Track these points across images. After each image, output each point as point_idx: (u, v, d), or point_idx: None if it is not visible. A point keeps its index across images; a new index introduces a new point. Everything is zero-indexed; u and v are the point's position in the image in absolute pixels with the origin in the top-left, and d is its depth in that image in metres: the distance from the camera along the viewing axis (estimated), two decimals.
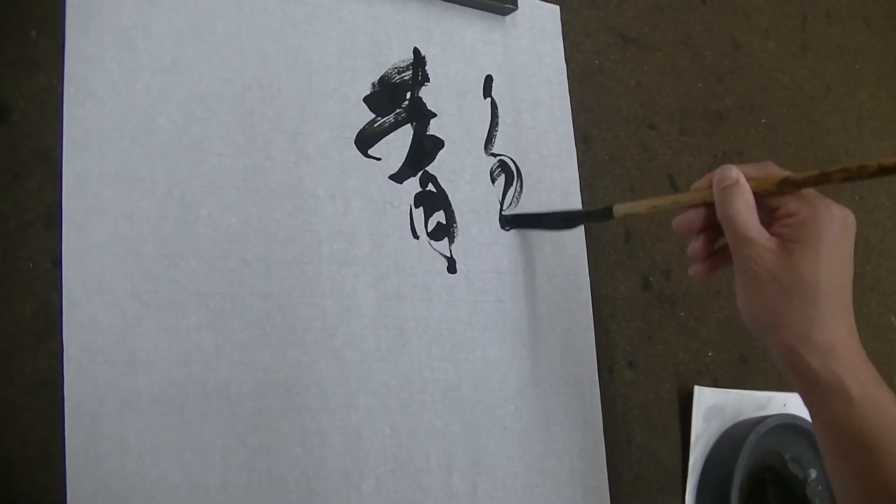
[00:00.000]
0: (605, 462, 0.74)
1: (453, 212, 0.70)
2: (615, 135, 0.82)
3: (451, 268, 0.69)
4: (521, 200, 0.74)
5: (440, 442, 0.66)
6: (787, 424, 0.85)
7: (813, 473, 0.88)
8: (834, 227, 0.54)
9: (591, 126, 0.80)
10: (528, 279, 0.73)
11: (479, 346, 0.69)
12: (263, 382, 0.59)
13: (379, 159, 0.67)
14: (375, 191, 0.66)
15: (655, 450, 0.78)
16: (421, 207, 0.68)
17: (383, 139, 0.68)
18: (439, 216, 0.69)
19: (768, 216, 0.57)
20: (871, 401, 0.53)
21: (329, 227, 0.64)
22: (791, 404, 0.89)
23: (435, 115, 0.71)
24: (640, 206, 0.65)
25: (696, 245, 0.61)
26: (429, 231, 0.68)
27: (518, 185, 0.74)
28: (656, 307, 0.81)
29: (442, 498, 0.65)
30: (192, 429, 0.56)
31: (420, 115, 0.70)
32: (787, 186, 0.56)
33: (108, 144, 0.56)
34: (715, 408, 0.83)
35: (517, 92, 0.76)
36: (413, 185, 0.69)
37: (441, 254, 0.69)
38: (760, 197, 0.56)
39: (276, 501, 0.58)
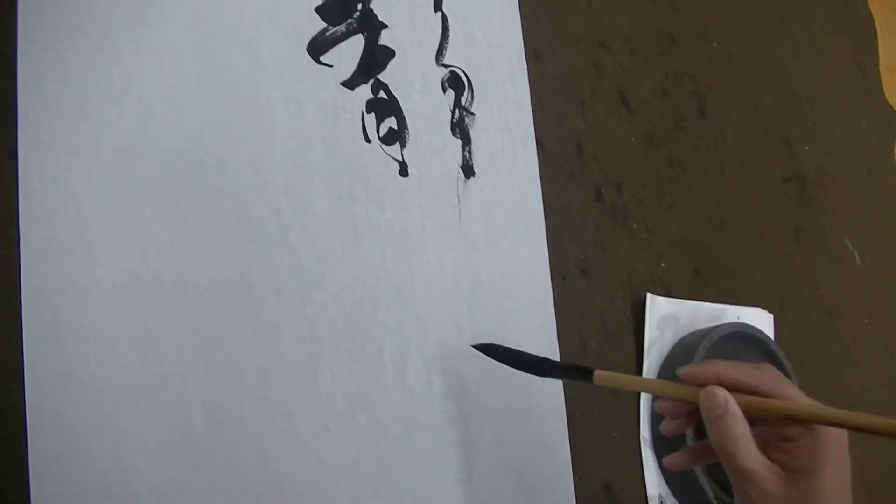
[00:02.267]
0: None
1: (405, 118, 0.72)
2: (566, 52, 0.84)
3: (403, 171, 0.71)
4: (472, 110, 0.76)
5: (394, 338, 0.68)
6: (741, 333, 0.87)
7: None
8: (835, 453, 0.52)
9: (542, 43, 0.82)
10: (480, 186, 0.75)
11: (431, 247, 0.71)
12: (219, 276, 0.61)
13: (331, 66, 0.69)
14: (328, 96, 0.68)
15: (610, 356, 0.80)
16: (373, 113, 0.70)
17: (335, 48, 0.69)
18: (391, 122, 0.71)
19: (763, 435, 0.55)
20: None
21: (283, 130, 0.65)
22: (745, 316, 0.91)
23: (386, 27, 0.72)
24: (623, 381, 0.62)
25: (671, 427, 0.60)
26: (381, 136, 0.70)
27: (469, 95, 0.76)
28: (609, 218, 0.83)
29: (397, 392, 0.67)
30: (150, 319, 0.58)
31: (371, 26, 0.71)
32: (793, 422, 0.53)
33: (65, 46, 0.57)
34: (668, 317, 0.85)
35: (467, 7, 0.77)
36: (365, 91, 0.70)
37: (393, 158, 0.70)
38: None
39: (232, 391, 0.60)
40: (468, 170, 0.75)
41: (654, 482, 0.81)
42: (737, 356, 0.88)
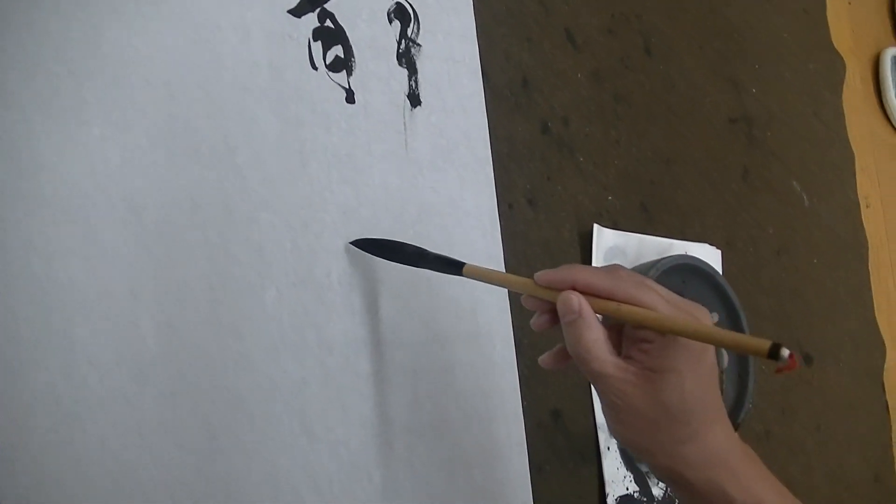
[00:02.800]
0: (507, 294, 0.78)
1: (351, 47, 0.73)
2: None
3: (350, 98, 0.72)
4: (418, 41, 0.77)
5: (340, 261, 0.69)
6: (688, 266, 0.89)
7: (715, 317, 0.92)
8: (693, 352, 0.53)
9: None
10: (426, 115, 0.76)
11: (377, 172, 0.72)
12: (168, 196, 0.62)
13: None
14: (275, 23, 0.69)
15: None
16: (319, 41, 0.71)
17: None
18: (337, 50, 0.72)
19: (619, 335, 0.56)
20: (750, 498, 0.54)
21: (231, 56, 0.66)
22: (693, 251, 0.93)
23: None
24: (490, 277, 0.63)
25: (541, 321, 0.59)
26: (327, 63, 0.71)
27: (415, 27, 0.77)
28: (555, 151, 0.85)
29: (345, 315, 0.68)
30: (99, 236, 0.58)
31: None
32: (627, 322, 0.54)
33: None
34: (616, 248, 0.87)
35: None
36: (311, 20, 0.71)
37: (339, 85, 0.71)
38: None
39: (182, 309, 0.61)
40: (414, 99, 0.76)
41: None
42: (684, 290, 0.90)
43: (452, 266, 0.64)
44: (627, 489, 0.84)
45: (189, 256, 0.62)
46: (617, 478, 0.83)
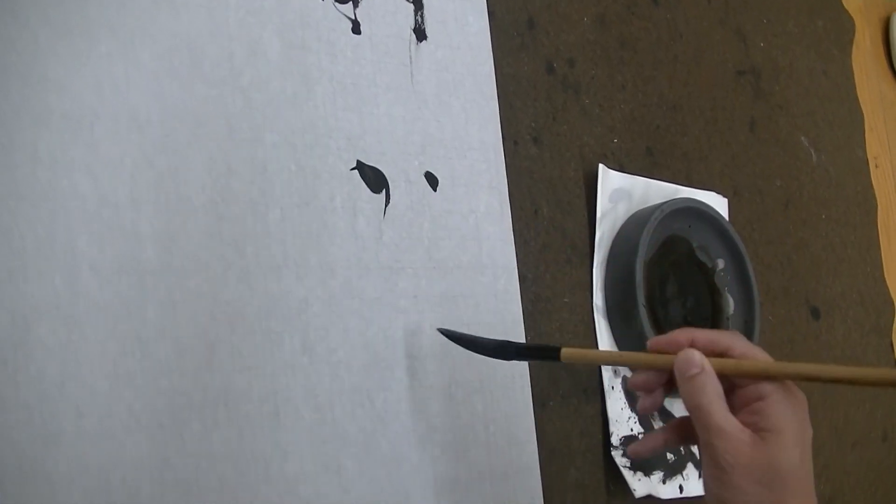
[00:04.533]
0: (510, 226, 0.78)
1: None
2: None
3: (356, 29, 0.72)
4: None
5: (345, 185, 0.69)
6: (694, 210, 0.89)
7: (721, 263, 0.92)
8: (800, 412, 0.53)
9: None
10: (432, 49, 0.76)
11: (383, 102, 0.73)
12: (172, 112, 0.62)
13: None
14: None
15: (562, 223, 0.82)
16: None
17: None
18: None
19: (732, 395, 0.55)
20: None
21: None
22: (699, 198, 0.93)
23: None
24: (592, 357, 0.65)
25: (647, 403, 0.60)
26: None
27: None
28: (560, 91, 0.85)
29: (348, 238, 0.69)
30: (102, 147, 0.59)
31: None
32: (772, 378, 0.54)
33: None
34: (621, 191, 0.87)
35: None
36: None
37: (345, 15, 0.72)
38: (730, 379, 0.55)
39: (184, 222, 0.61)
40: (420, 33, 0.76)
41: (606, 349, 0.82)
42: (690, 233, 0.90)
43: (547, 352, 0.64)
44: (632, 430, 0.84)
45: (191, 170, 0.62)
46: (621, 418, 0.83)
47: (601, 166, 0.85)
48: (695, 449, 0.88)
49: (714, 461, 0.53)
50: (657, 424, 0.85)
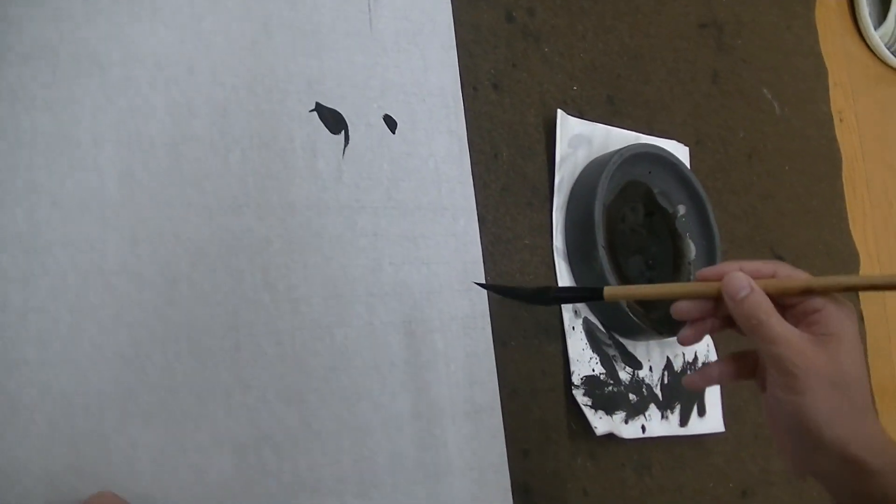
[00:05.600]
0: (470, 169, 0.79)
1: None
2: None
3: None
4: None
5: (304, 127, 0.71)
6: (654, 155, 0.90)
7: (682, 209, 0.94)
8: (854, 321, 0.55)
9: None
10: None
11: (342, 48, 0.74)
12: (131, 52, 0.64)
13: None
14: None
15: (522, 167, 0.84)
16: None
17: None
18: None
19: (786, 314, 0.57)
20: None
21: None
22: (660, 144, 0.94)
23: None
24: (636, 292, 0.65)
25: (689, 333, 0.61)
26: None
27: None
28: (520, 40, 0.86)
29: (308, 178, 0.70)
30: (64, 87, 0.61)
31: None
32: (814, 293, 0.56)
33: None
34: (581, 137, 0.88)
35: None
36: None
37: None
38: (778, 299, 0.56)
39: (143, 160, 0.63)
40: None
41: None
42: (650, 179, 0.92)
43: (592, 292, 0.64)
44: (593, 370, 0.85)
45: (150, 109, 0.64)
46: (583, 358, 0.85)
47: (560, 112, 0.86)
48: (657, 390, 0.89)
49: (783, 370, 0.55)
50: (621, 368, 0.87)
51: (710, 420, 0.94)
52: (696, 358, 0.94)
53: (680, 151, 0.98)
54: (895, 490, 0.53)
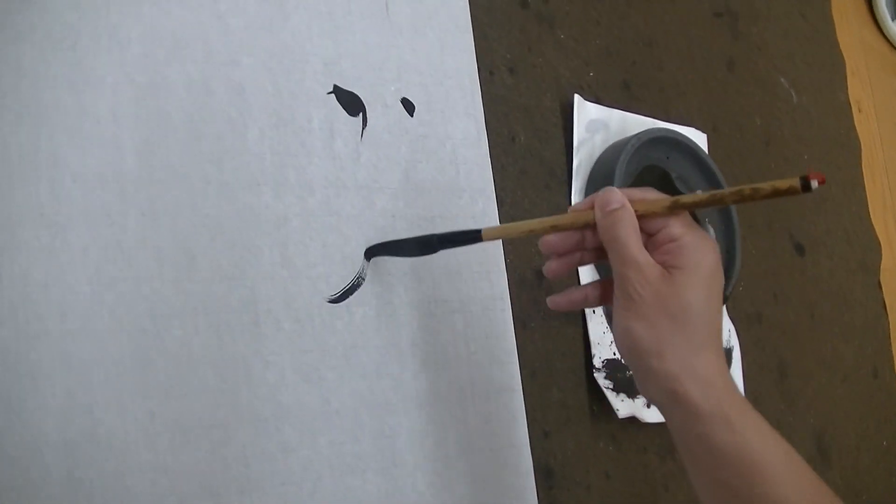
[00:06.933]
0: (487, 152, 0.80)
1: None
2: None
3: None
4: None
5: (321, 108, 0.71)
6: (673, 139, 0.90)
7: (700, 193, 0.93)
8: (711, 257, 0.56)
9: None
10: None
11: (358, 30, 0.75)
12: (150, 32, 0.64)
13: None
14: None
15: (539, 150, 0.84)
16: None
17: None
18: None
19: (647, 242, 0.57)
20: (752, 429, 0.53)
21: None
22: (678, 130, 0.94)
23: None
24: (513, 229, 0.64)
25: (555, 265, 0.62)
26: None
27: None
28: (535, 24, 0.87)
29: (326, 158, 0.71)
30: (84, 63, 0.61)
31: None
32: (678, 208, 0.56)
33: None
34: (598, 121, 0.89)
35: None
36: None
37: None
38: (644, 220, 0.57)
39: (163, 136, 0.63)
40: None
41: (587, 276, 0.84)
42: (668, 164, 0.92)
43: (468, 235, 0.65)
44: (615, 354, 0.85)
45: (169, 87, 0.65)
46: (604, 341, 0.85)
47: (577, 97, 0.86)
48: None
49: (625, 292, 0.56)
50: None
51: None
52: None
53: (698, 137, 0.98)
54: (717, 436, 0.53)
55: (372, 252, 0.71)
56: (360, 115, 0.73)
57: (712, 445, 0.53)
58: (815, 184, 0.49)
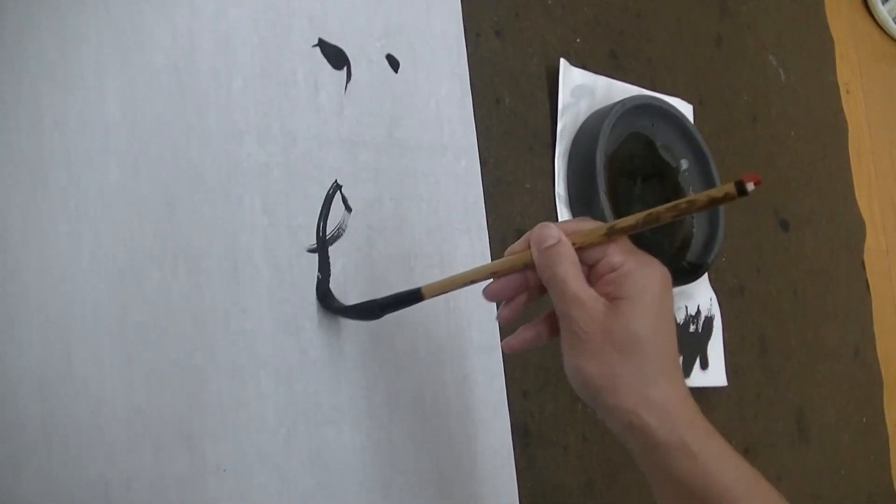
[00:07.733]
0: (472, 112, 0.80)
1: None
2: None
3: None
4: None
5: (306, 61, 0.71)
6: (658, 107, 0.90)
7: (685, 164, 0.94)
8: (657, 281, 0.54)
9: None
10: None
11: None
12: None
13: None
14: None
15: (524, 113, 0.84)
16: None
17: None
18: None
19: (588, 273, 0.56)
20: (714, 456, 0.52)
21: None
22: (665, 99, 0.94)
23: None
24: (451, 283, 0.62)
25: (505, 312, 0.60)
26: None
27: None
28: None
29: (309, 110, 0.71)
30: (68, 18, 0.61)
31: None
32: (616, 233, 0.54)
33: None
34: (584, 87, 0.89)
35: None
36: None
37: None
38: (583, 251, 0.55)
39: (145, 81, 0.64)
40: None
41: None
42: (654, 133, 0.92)
43: (409, 295, 0.64)
44: None
45: (152, 36, 0.65)
46: None
47: (563, 61, 0.87)
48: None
49: (570, 330, 0.54)
50: None
51: (713, 373, 0.94)
52: (698, 311, 0.94)
53: (684, 108, 0.99)
54: (678, 465, 0.52)
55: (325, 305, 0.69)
56: (345, 68, 0.74)
57: (673, 474, 0.52)
58: (750, 186, 0.49)
